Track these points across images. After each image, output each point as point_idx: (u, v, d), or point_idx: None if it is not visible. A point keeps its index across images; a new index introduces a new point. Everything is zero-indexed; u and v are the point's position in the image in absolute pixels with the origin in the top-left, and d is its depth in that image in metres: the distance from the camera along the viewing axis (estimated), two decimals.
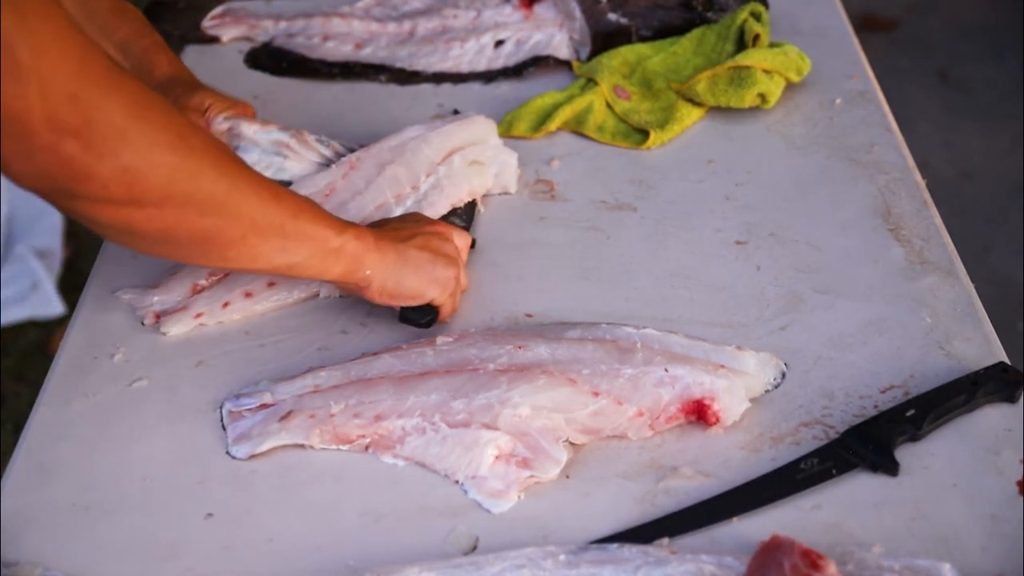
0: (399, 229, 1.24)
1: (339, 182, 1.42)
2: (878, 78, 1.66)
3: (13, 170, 0.94)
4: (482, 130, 1.48)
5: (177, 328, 1.28)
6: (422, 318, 1.26)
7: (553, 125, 1.56)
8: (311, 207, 1.14)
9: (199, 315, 1.29)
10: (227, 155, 1.06)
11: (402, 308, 1.26)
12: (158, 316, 1.30)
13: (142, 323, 1.30)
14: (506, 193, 1.47)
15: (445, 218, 1.39)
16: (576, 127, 1.58)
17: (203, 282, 1.33)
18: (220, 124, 1.44)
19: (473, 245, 1.37)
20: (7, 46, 0.88)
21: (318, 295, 1.32)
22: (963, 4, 3.96)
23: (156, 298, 1.32)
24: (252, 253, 1.10)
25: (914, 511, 1.05)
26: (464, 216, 1.42)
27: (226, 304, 1.30)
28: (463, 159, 1.43)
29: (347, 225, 1.17)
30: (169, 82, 1.46)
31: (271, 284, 1.31)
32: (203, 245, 1.07)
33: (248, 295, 1.30)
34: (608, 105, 1.60)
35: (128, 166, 0.96)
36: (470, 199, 1.44)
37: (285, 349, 1.27)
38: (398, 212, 1.39)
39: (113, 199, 0.97)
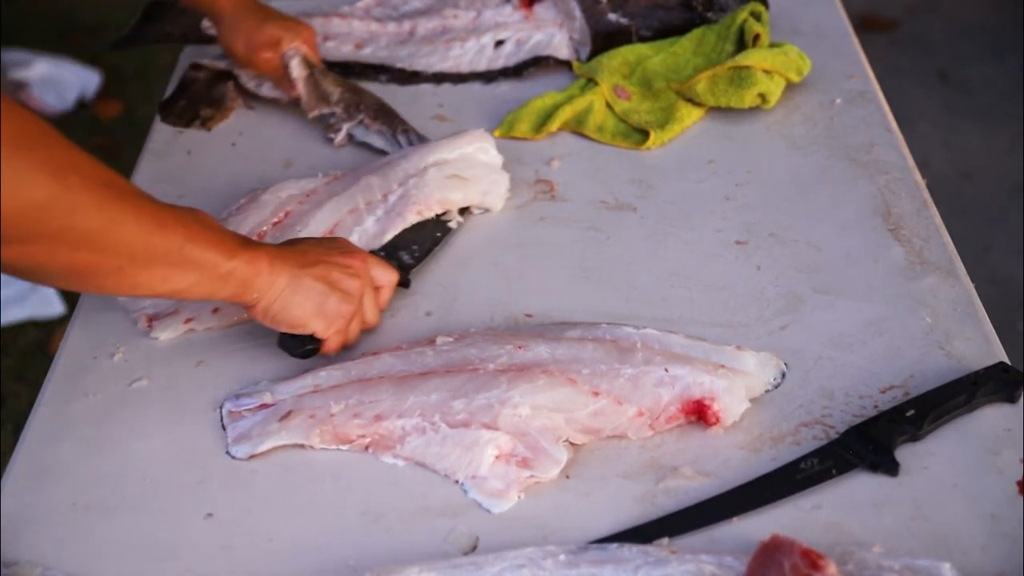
0: (306, 253, 1.20)
1: (321, 187, 1.43)
2: (878, 78, 1.66)
3: None
4: (473, 146, 1.45)
5: (167, 333, 1.28)
6: (298, 347, 1.22)
7: (554, 126, 1.56)
8: (203, 231, 1.10)
9: (189, 320, 1.29)
10: (110, 186, 1.01)
11: (282, 334, 1.22)
12: (150, 319, 1.30)
13: (136, 325, 1.30)
14: (487, 211, 1.45)
15: (394, 252, 1.36)
16: (576, 127, 1.58)
17: None
18: (296, 71, 1.57)
19: (407, 285, 1.33)
20: None
21: None
22: (963, 4, 3.96)
23: (148, 301, 1.31)
24: (131, 283, 1.06)
25: (914, 511, 1.05)
26: (416, 252, 1.37)
27: (216, 310, 1.30)
28: (439, 172, 1.41)
29: (240, 248, 1.13)
30: (235, 12, 1.52)
31: None
32: (77, 278, 1.03)
33: None
34: (608, 105, 1.60)
35: None
36: (442, 210, 1.41)
37: None
38: (369, 219, 1.38)
39: None
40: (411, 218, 1.39)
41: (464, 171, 1.43)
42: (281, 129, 1.63)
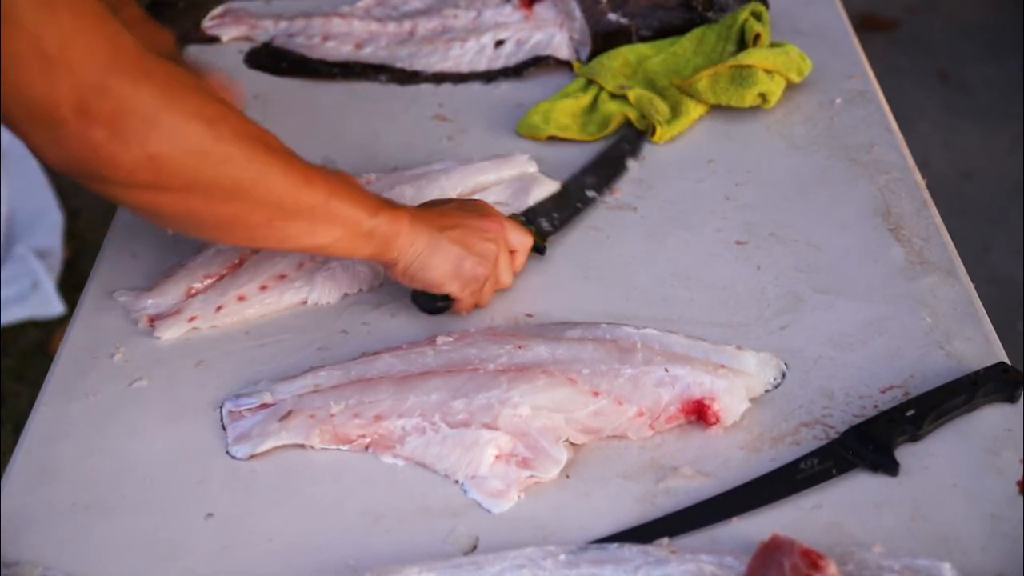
0: (445, 215, 1.23)
1: None
2: (878, 78, 1.66)
3: (44, 156, 0.98)
4: (515, 171, 1.45)
5: (171, 332, 1.28)
6: (431, 304, 1.26)
7: (566, 133, 1.56)
8: (346, 189, 1.14)
9: (193, 319, 1.29)
10: (259, 140, 1.07)
11: (414, 290, 1.26)
12: (152, 320, 1.30)
13: (137, 325, 1.30)
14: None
15: (533, 218, 1.37)
16: (581, 134, 1.56)
17: (197, 285, 1.32)
18: None
19: (542, 251, 1.35)
20: (35, 38, 0.91)
21: (306, 302, 1.32)
22: (963, 4, 3.96)
23: (150, 301, 1.31)
24: (279, 235, 1.12)
25: (914, 511, 1.05)
26: (555, 220, 1.39)
27: (219, 308, 1.30)
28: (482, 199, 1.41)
29: (382, 206, 1.17)
30: None
31: (263, 287, 1.31)
32: (229, 228, 1.09)
33: (241, 299, 1.30)
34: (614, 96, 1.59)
35: (155, 154, 0.98)
36: None
37: (285, 349, 1.27)
38: None
39: (139, 184, 1.00)
40: None
41: (505, 197, 1.42)
42: (282, 127, 1.62)
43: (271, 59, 1.75)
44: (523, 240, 1.30)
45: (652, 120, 1.54)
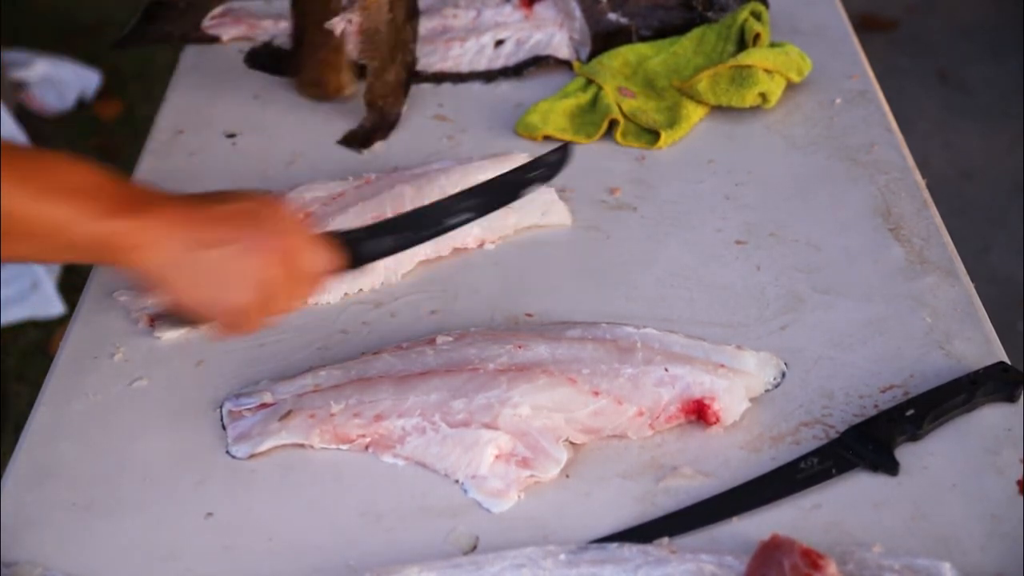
0: (218, 225, 1.04)
1: (350, 190, 1.42)
2: (878, 78, 1.67)
3: None
4: None
5: (170, 333, 1.28)
6: (174, 318, 1.13)
7: (562, 135, 1.56)
8: (55, 189, 0.96)
9: None
10: None
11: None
12: (152, 320, 1.30)
13: (137, 325, 1.30)
14: (562, 226, 1.42)
15: (370, 235, 1.16)
16: (577, 137, 1.56)
17: None
18: None
19: (354, 265, 1.13)
20: None
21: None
22: (963, 4, 3.96)
23: (150, 301, 1.31)
24: None
25: (914, 511, 1.05)
26: (399, 242, 1.18)
27: None
28: None
29: (121, 208, 0.98)
30: None
31: None
32: None
33: None
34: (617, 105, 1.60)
35: None
36: (495, 236, 1.38)
37: (285, 349, 1.26)
38: None
39: None
40: (444, 248, 1.36)
41: None
42: (282, 126, 1.63)
43: (271, 59, 1.75)
44: (319, 264, 1.09)
45: (652, 127, 1.54)
